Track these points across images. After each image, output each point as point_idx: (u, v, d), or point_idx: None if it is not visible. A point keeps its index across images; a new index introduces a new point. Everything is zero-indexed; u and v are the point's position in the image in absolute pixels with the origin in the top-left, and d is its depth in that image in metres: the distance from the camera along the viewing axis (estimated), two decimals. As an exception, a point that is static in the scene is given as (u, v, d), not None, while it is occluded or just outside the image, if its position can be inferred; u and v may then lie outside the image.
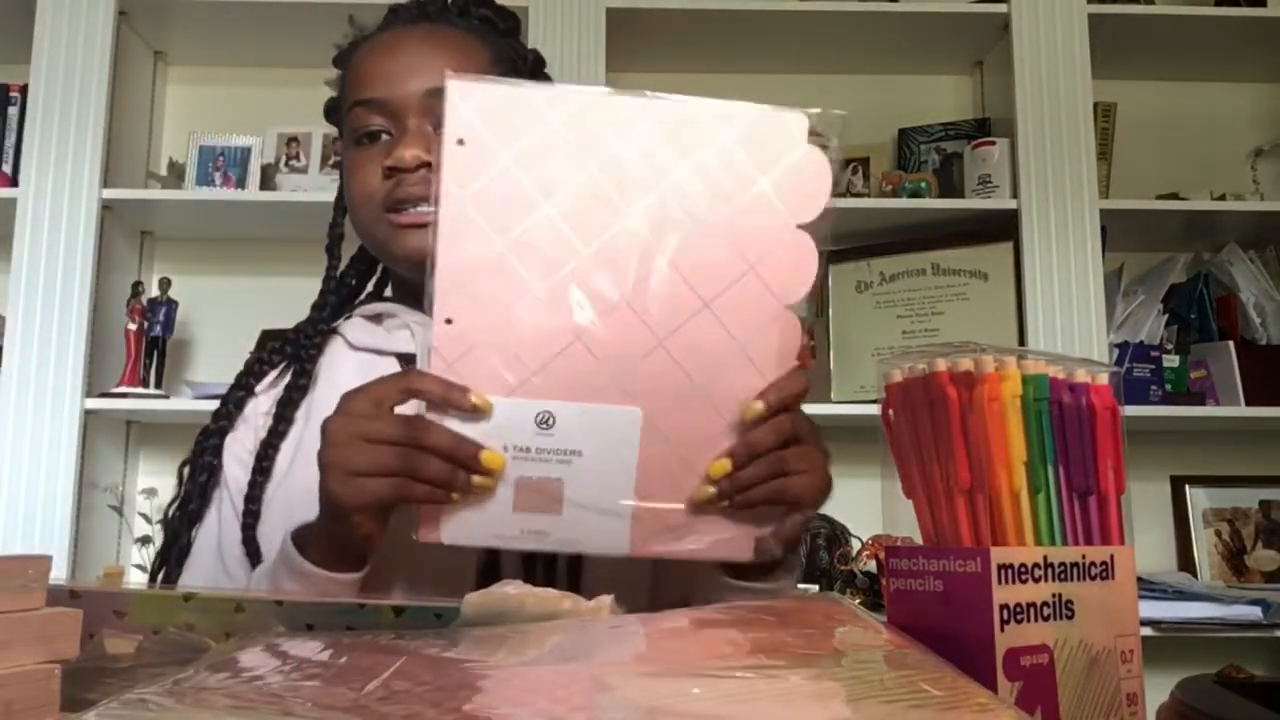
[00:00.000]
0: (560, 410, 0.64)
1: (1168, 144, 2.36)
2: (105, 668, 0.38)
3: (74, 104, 2.03)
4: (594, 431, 0.64)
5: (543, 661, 0.42)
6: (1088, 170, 2.07)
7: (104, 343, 2.03)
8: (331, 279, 0.96)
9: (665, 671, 0.40)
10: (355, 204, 0.89)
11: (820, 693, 0.37)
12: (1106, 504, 0.54)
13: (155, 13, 2.14)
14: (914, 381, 0.53)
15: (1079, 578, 0.50)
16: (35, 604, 0.40)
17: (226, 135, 2.19)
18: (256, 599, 0.53)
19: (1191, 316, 2.19)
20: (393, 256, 0.89)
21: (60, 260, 1.98)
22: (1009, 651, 0.46)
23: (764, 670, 0.39)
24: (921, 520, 0.53)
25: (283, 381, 0.92)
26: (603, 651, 0.45)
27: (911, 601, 0.50)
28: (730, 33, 2.20)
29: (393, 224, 0.86)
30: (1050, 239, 2.05)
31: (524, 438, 0.64)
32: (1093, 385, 0.55)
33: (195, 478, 0.89)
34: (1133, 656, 0.51)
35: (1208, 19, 2.17)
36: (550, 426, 0.64)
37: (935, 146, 2.30)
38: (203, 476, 0.89)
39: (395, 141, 0.86)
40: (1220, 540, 2.23)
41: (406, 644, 0.44)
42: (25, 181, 2.00)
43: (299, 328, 0.95)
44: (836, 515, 1.99)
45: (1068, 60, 2.11)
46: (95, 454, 2.01)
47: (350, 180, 0.89)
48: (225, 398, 0.93)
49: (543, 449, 0.64)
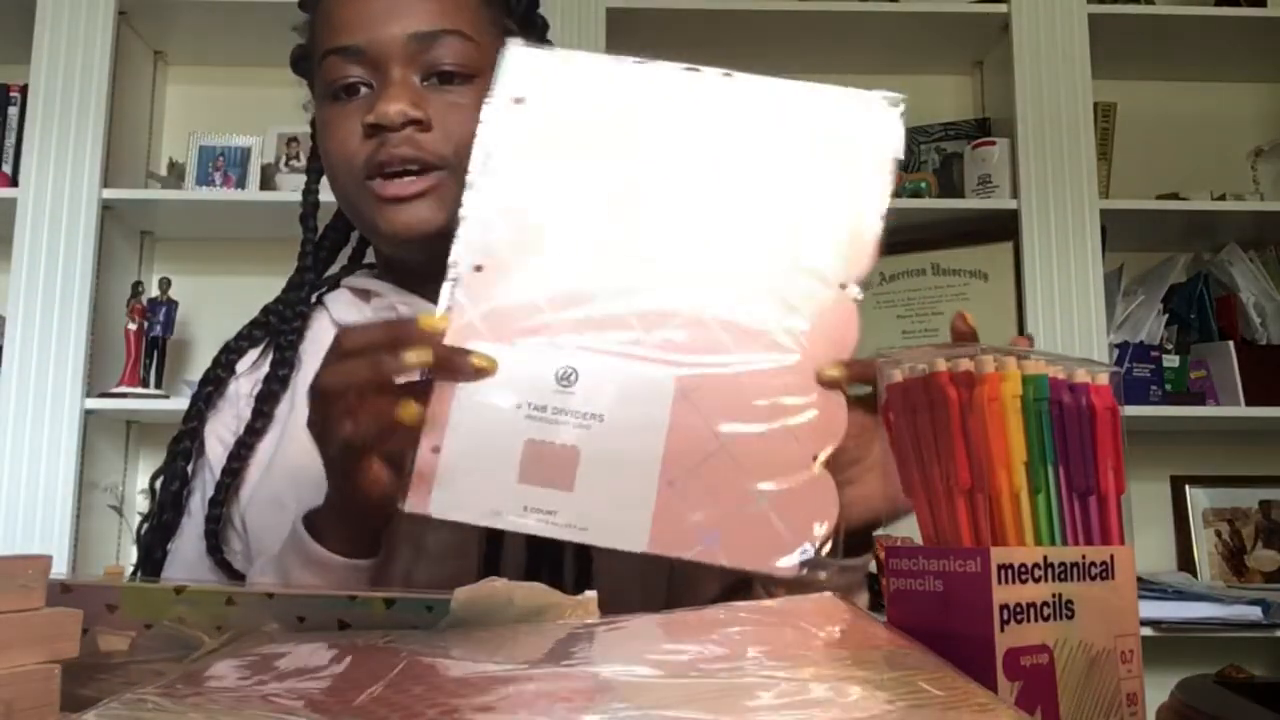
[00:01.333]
0: (585, 365, 0.57)
1: (1168, 144, 2.36)
2: (100, 664, 0.38)
3: (74, 104, 2.03)
4: (622, 397, 0.56)
5: (544, 664, 0.42)
6: (1088, 170, 2.07)
7: (104, 343, 2.03)
8: (307, 253, 0.86)
9: (665, 673, 0.40)
10: (333, 168, 0.79)
11: (821, 693, 0.37)
12: (1106, 504, 0.54)
13: (155, 13, 2.14)
14: (914, 381, 0.52)
15: (1079, 578, 0.50)
16: (35, 604, 0.40)
17: (226, 135, 2.19)
18: (247, 592, 0.53)
19: (1191, 316, 2.19)
20: (378, 233, 0.79)
21: (60, 260, 1.98)
22: (1009, 651, 0.46)
23: (763, 670, 0.39)
24: (921, 520, 0.53)
25: (265, 361, 0.84)
26: (603, 652, 0.45)
27: (911, 601, 0.50)
28: (730, 33, 2.20)
29: (378, 195, 0.76)
30: (1050, 239, 2.05)
31: (542, 395, 0.56)
32: (1093, 385, 0.54)
33: (167, 487, 0.82)
34: (1133, 656, 0.51)
35: (1208, 19, 2.17)
36: (572, 384, 0.56)
37: (935, 146, 2.30)
38: (174, 485, 0.81)
39: (376, 94, 0.75)
40: (1220, 540, 2.23)
41: (404, 646, 0.44)
42: (25, 181, 2.00)
43: (275, 307, 0.86)
44: (836, 515, 1.99)
45: (1068, 60, 2.11)
46: (95, 454, 2.01)
47: (326, 140, 0.78)
48: (196, 394, 0.85)
49: (560, 410, 0.56)
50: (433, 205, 0.75)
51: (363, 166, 0.76)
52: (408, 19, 0.75)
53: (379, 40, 0.75)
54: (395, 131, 0.74)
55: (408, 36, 0.75)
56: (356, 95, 0.76)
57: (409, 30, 0.75)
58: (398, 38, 0.75)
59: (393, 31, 0.75)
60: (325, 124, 0.79)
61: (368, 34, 0.75)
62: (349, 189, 0.78)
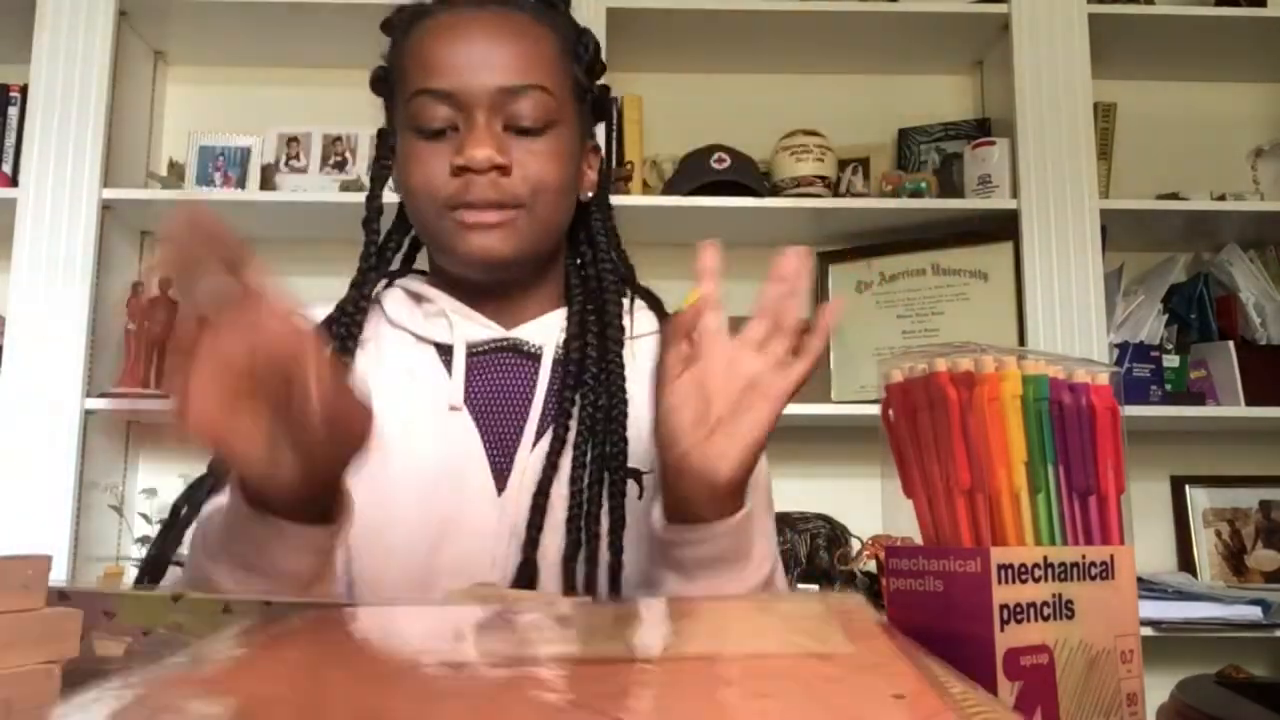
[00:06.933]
0: None
1: (1168, 144, 2.36)
2: (95, 669, 0.38)
3: (74, 104, 2.03)
4: None
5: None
6: (1088, 170, 2.07)
7: (104, 343, 2.03)
8: (370, 255, 0.91)
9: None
10: (416, 196, 0.85)
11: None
12: (1106, 504, 0.54)
13: (155, 13, 2.14)
14: (914, 381, 0.53)
15: (1079, 578, 0.50)
16: (35, 604, 0.40)
17: (226, 135, 2.19)
18: (244, 599, 0.53)
19: (1191, 316, 2.19)
20: (454, 254, 0.85)
21: (60, 260, 1.98)
22: (1009, 651, 0.46)
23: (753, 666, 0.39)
24: (921, 520, 0.53)
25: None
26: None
27: (911, 601, 0.50)
28: (730, 33, 2.20)
29: (458, 222, 0.83)
30: (1050, 239, 2.05)
31: None
32: (1093, 385, 0.55)
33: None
34: (1133, 656, 0.51)
35: (1208, 19, 2.17)
36: None
37: (935, 146, 2.30)
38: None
39: (463, 138, 0.82)
40: (1220, 540, 2.23)
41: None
42: (25, 181, 2.00)
43: (342, 305, 0.90)
44: (836, 515, 1.99)
45: (1068, 60, 2.11)
46: (95, 454, 2.01)
47: (410, 171, 0.85)
48: None
49: None
50: (506, 236, 0.84)
51: (447, 200, 0.83)
52: (497, 70, 0.83)
53: (470, 88, 0.82)
54: (480, 174, 0.81)
55: (496, 88, 0.82)
56: (444, 137, 0.84)
57: (498, 83, 0.83)
58: (487, 88, 0.82)
59: (483, 81, 0.82)
60: (411, 156, 0.85)
61: (459, 81, 0.83)
62: (429, 215, 0.85)
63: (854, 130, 2.30)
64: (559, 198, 0.87)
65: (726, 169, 2.10)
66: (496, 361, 0.89)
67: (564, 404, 0.85)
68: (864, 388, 2.12)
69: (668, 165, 2.22)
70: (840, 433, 2.14)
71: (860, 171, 2.24)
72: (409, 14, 0.89)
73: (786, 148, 2.15)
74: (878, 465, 0.59)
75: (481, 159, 0.81)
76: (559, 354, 0.88)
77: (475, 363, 0.88)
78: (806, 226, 2.18)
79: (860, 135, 2.30)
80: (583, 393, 0.85)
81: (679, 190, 2.10)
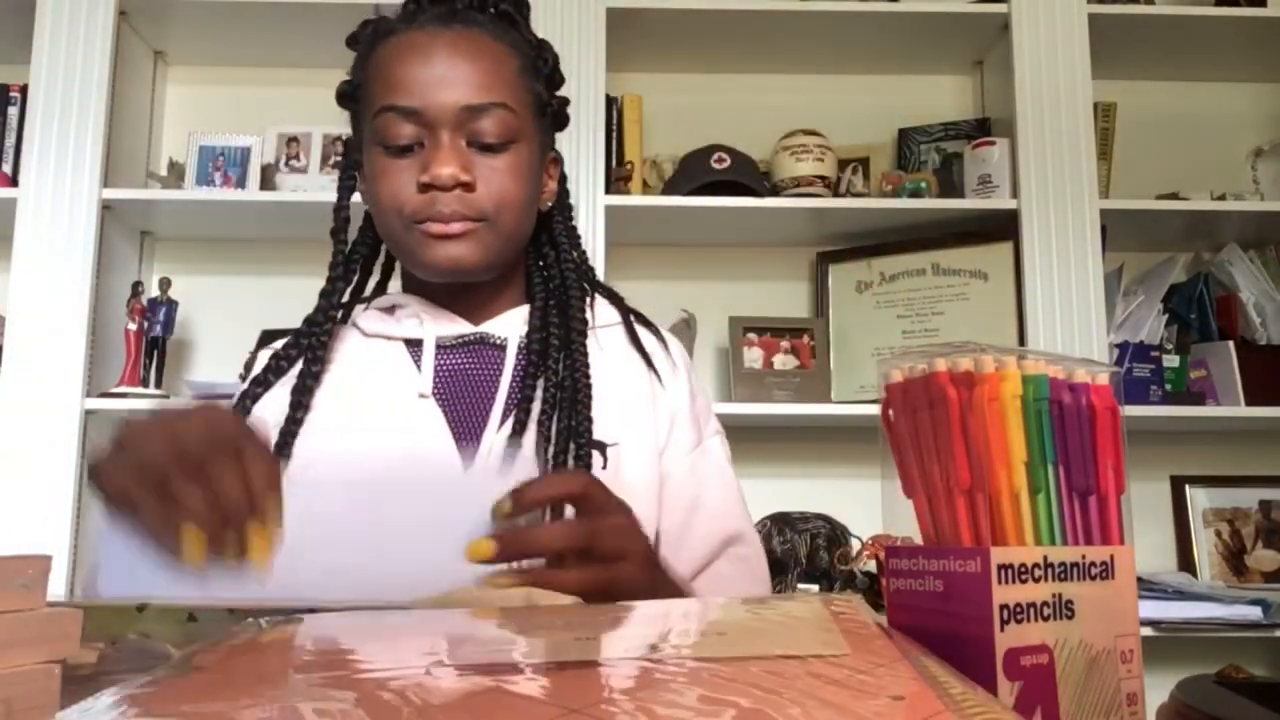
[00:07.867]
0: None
1: (1168, 144, 2.36)
2: (67, 676, 0.38)
3: (74, 104, 2.03)
4: None
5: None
6: (1088, 170, 2.07)
7: (104, 343, 2.03)
8: (338, 265, 0.95)
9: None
10: (384, 211, 0.89)
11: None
12: (1106, 504, 0.54)
13: (155, 13, 2.14)
14: (914, 381, 0.52)
15: (1079, 578, 0.50)
16: (35, 604, 0.40)
17: (226, 135, 2.19)
18: (209, 607, 0.54)
19: (1191, 316, 2.19)
20: (422, 263, 0.89)
21: (60, 260, 1.98)
22: (1009, 651, 0.46)
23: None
24: (921, 520, 0.53)
25: (293, 369, 0.92)
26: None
27: (911, 601, 0.50)
28: (730, 33, 2.20)
29: (425, 234, 0.86)
30: (1050, 239, 2.05)
31: None
32: (1093, 385, 0.55)
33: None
34: (1133, 656, 0.51)
35: (1208, 19, 2.17)
36: None
37: (935, 146, 2.30)
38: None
39: (429, 155, 0.85)
40: (1220, 540, 2.23)
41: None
42: (25, 181, 2.00)
43: (310, 318, 0.94)
44: (836, 515, 1.99)
45: (1068, 60, 2.11)
46: (95, 454, 2.00)
47: (378, 186, 0.88)
48: (244, 393, 0.91)
49: None
50: (472, 246, 0.87)
51: (413, 214, 0.86)
52: (461, 89, 0.85)
53: (434, 106, 0.85)
54: (446, 191, 0.85)
55: (460, 107, 0.85)
56: (410, 153, 0.86)
57: (462, 101, 0.85)
58: (452, 106, 0.85)
59: (448, 100, 0.85)
60: (378, 173, 0.88)
61: (423, 99, 0.85)
62: (397, 229, 0.89)
63: (854, 130, 2.30)
64: (521, 212, 0.90)
65: (726, 169, 2.10)
66: (464, 354, 0.93)
67: (527, 389, 0.88)
68: (864, 388, 2.12)
69: (668, 165, 2.22)
70: (840, 433, 2.14)
71: (860, 171, 2.24)
72: (375, 30, 0.92)
73: (786, 148, 2.15)
74: (878, 465, 0.59)
75: (446, 177, 0.84)
76: (523, 343, 0.92)
77: (444, 355, 0.93)
78: (806, 226, 2.18)
79: (860, 135, 2.30)
80: (546, 375, 0.89)
81: (679, 190, 2.10)
